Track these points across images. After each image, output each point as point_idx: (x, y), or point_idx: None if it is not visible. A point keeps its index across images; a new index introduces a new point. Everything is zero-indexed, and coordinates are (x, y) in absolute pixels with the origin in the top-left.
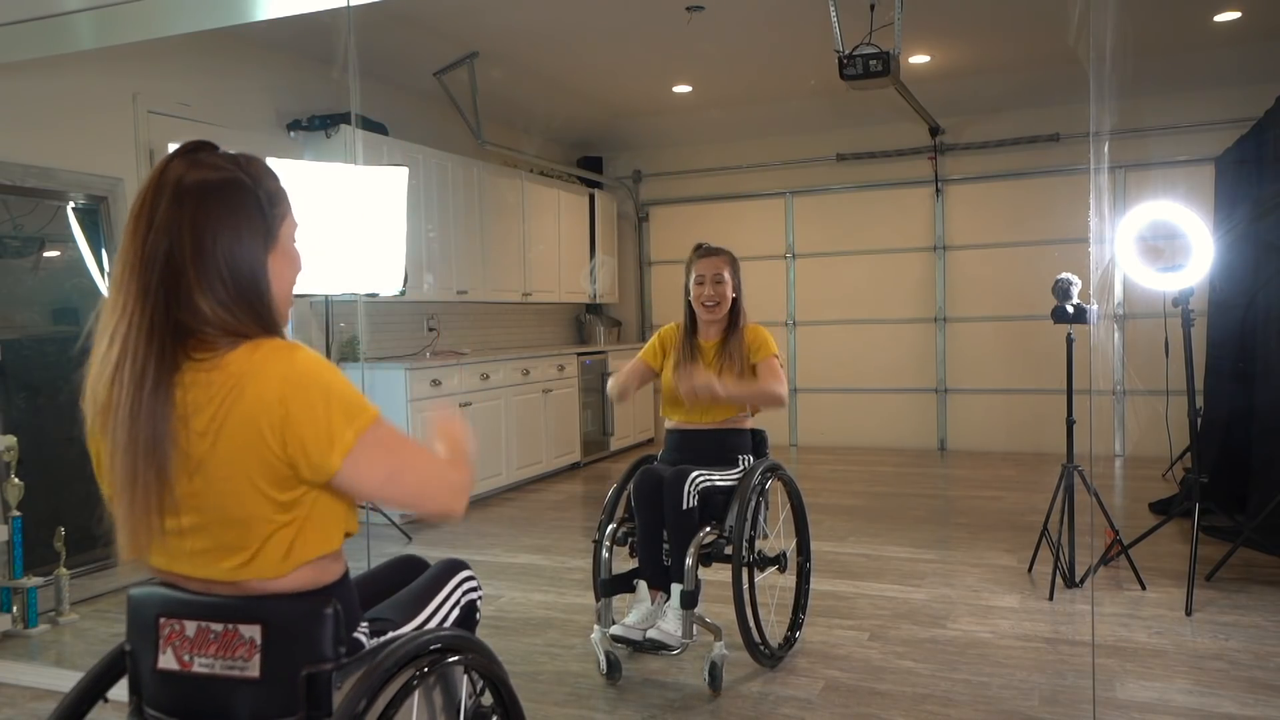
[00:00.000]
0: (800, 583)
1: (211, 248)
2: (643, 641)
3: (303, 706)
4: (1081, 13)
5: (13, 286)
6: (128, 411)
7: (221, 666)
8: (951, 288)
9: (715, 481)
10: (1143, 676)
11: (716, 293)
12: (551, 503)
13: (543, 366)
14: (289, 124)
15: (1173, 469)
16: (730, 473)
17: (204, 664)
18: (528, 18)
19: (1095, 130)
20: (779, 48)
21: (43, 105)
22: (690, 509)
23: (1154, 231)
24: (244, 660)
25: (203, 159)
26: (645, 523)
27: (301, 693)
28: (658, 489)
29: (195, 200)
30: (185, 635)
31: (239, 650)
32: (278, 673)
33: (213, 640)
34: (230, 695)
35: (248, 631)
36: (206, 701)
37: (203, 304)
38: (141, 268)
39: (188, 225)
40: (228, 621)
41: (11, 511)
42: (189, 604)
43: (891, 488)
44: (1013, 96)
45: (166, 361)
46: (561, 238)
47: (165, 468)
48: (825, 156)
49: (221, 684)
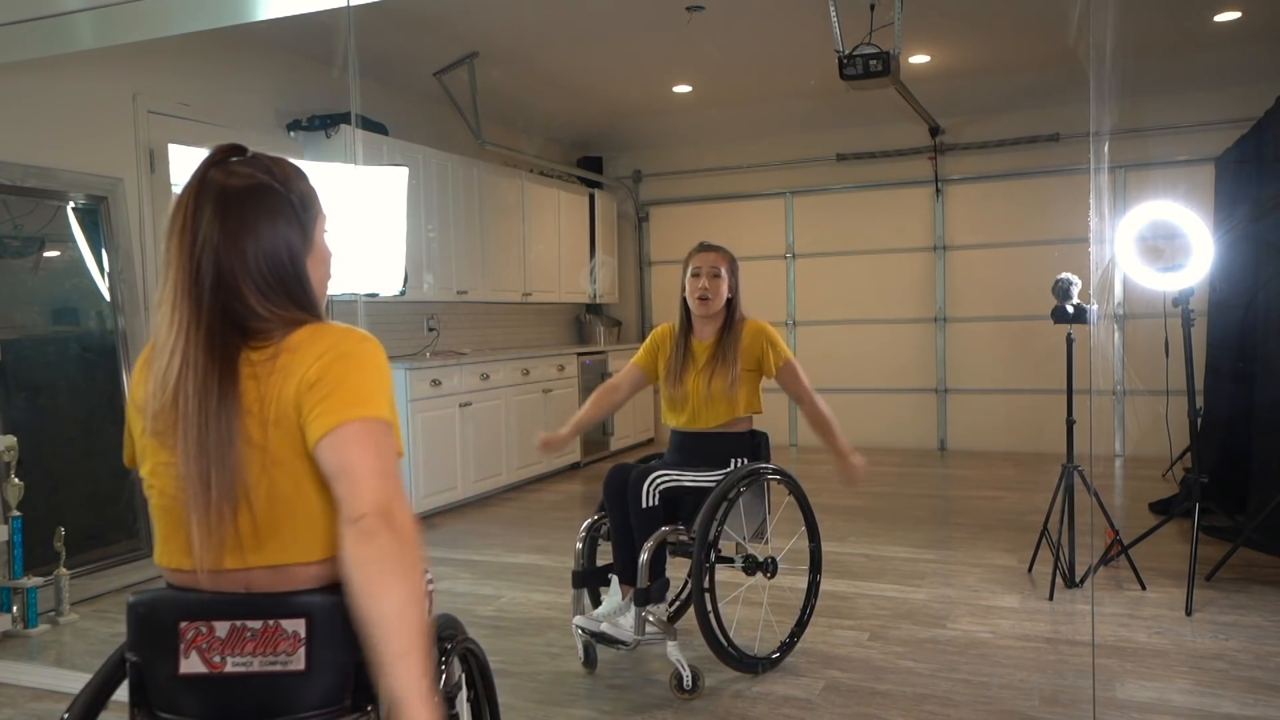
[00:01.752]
0: (809, 597)
1: (256, 254)
2: (597, 633)
3: (350, 694)
4: (1081, 13)
5: (13, 286)
6: (195, 421)
7: (261, 663)
8: (951, 288)
9: (683, 482)
10: (1143, 676)
11: (711, 287)
12: (551, 503)
13: (543, 366)
14: (289, 124)
15: (1173, 469)
16: (713, 474)
17: (239, 663)
18: (528, 18)
19: (1095, 130)
20: (779, 48)
21: (43, 105)
22: (650, 508)
23: (1154, 231)
24: (287, 654)
25: (238, 168)
26: (615, 520)
27: (350, 682)
28: (624, 486)
29: (237, 210)
30: (215, 636)
31: (281, 645)
32: (325, 664)
33: (250, 638)
34: (271, 691)
35: (290, 626)
36: (239, 701)
37: (256, 305)
38: (193, 283)
39: (232, 235)
40: (267, 618)
41: (11, 511)
42: (217, 604)
43: (891, 488)
44: (1013, 96)
45: (229, 364)
46: (561, 238)
47: (240, 469)
48: (825, 156)
49: (260, 681)
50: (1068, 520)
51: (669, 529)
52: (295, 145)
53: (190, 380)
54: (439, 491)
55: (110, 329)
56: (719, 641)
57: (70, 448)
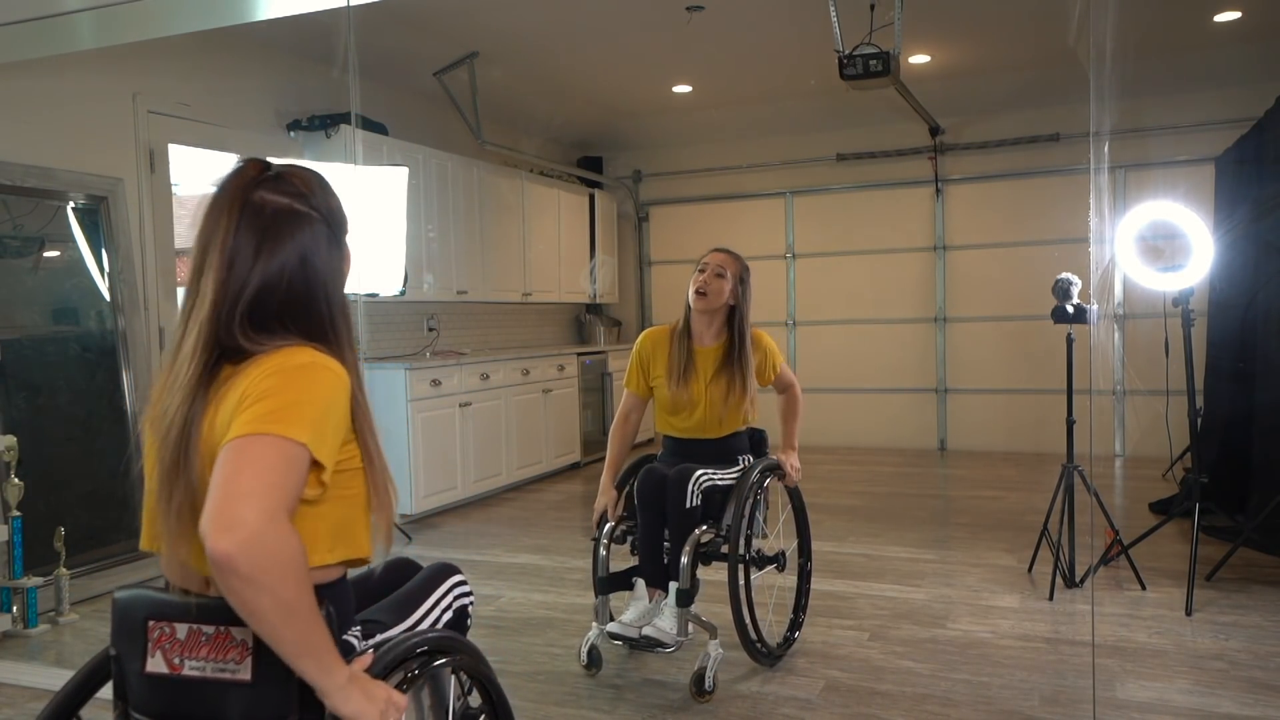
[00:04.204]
0: (801, 583)
1: (282, 274)
2: (638, 639)
3: (295, 710)
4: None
5: (13, 286)
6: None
7: (213, 669)
8: (951, 288)
9: (716, 481)
10: (1143, 676)
11: (711, 284)
12: (551, 503)
13: (543, 366)
14: (289, 124)
15: (1173, 469)
16: (730, 471)
17: (195, 667)
18: (528, 18)
19: (1095, 130)
20: (779, 48)
21: (43, 105)
22: (693, 508)
23: (1154, 231)
24: (235, 663)
25: (273, 191)
26: (646, 522)
27: (294, 696)
28: (661, 488)
29: (273, 231)
30: (176, 638)
31: (230, 653)
32: (270, 675)
33: (204, 643)
34: (221, 698)
35: (239, 634)
36: (196, 705)
37: (276, 327)
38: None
39: (265, 256)
40: (219, 624)
41: (11, 511)
42: (180, 607)
43: (891, 488)
44: (1013, 96)
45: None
46: (561, 238)
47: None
48: (825, 156)
49: (213, 687)
50: (1068, 520)
51: (702, 529)
52: (295, 145)
53: (184, 375)
54: (439, 491)
55: (110, 329)
56: (750, 639)
57: (70, 448)
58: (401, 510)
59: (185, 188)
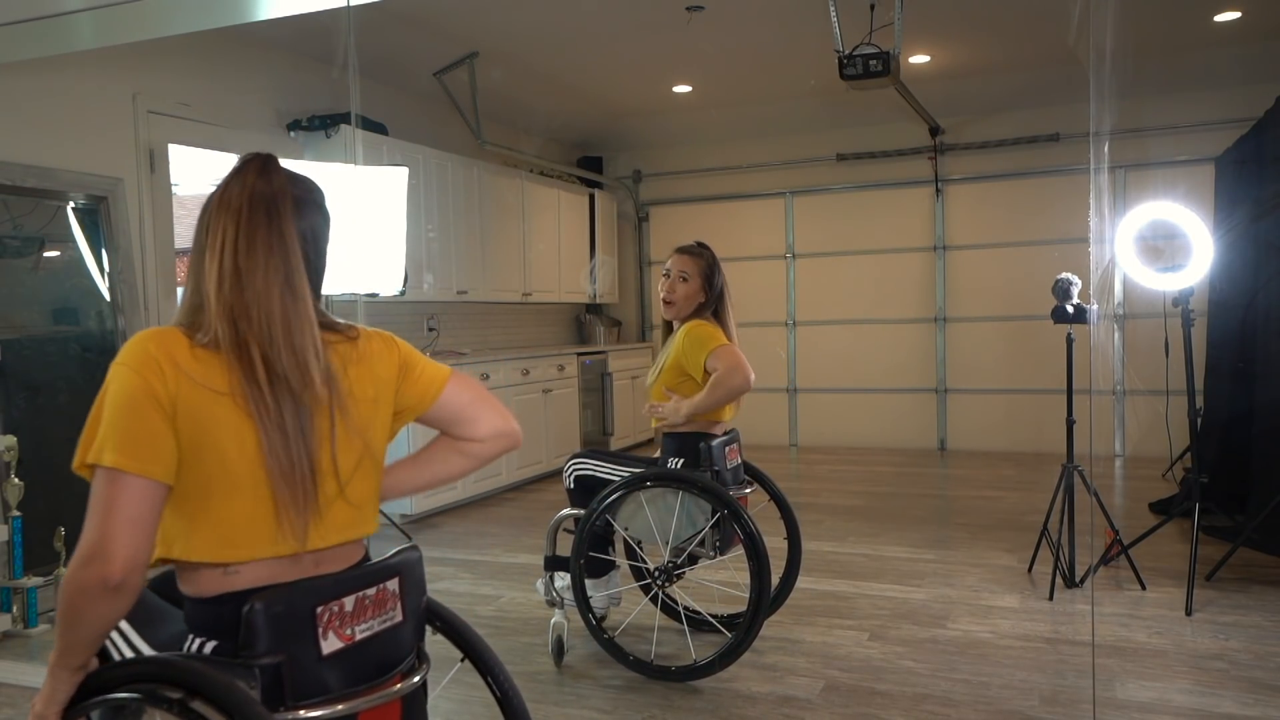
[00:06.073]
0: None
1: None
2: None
3: (424, 634)
4: (1081, 13)
5: (13, 286)
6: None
7: (378, 624)
8: (951, 288)
9: (596, 473)
10: (1143, 676)
11: (677, 288)
12: (551, 503)
13: (543, 366)
14: (289, 124)
15: (1173, 469)
16: (627, 469)
17: (365, 629)
18: (528, 18)
19: (1095, 130)
20: (779, 48)
21: (43, 105)
22: (569, 489)
23: (1154, 231)
24: (392, 611)
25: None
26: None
27: (423, 619)
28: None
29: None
30: (344, 612)
31: (388, 605)
32: (412, 609)
33: (369, 605)
34: (384, 647)
35: (392, 585)
36: (369, 664)
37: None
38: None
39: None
40: (376, 584)
41: (11, 511)
42: (340, 582)
43: (891, 488)
44: (1013, 96)
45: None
46: (561, 238)
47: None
48: (825, 156)
49: (377, 641)
50: (1068, 520)
51: (573, 511)
52: (295, 145)
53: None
54: (439, 491)
55: (110, 329)
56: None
57: (70, 448)
58: (401, 510)
59: (185, 188)
